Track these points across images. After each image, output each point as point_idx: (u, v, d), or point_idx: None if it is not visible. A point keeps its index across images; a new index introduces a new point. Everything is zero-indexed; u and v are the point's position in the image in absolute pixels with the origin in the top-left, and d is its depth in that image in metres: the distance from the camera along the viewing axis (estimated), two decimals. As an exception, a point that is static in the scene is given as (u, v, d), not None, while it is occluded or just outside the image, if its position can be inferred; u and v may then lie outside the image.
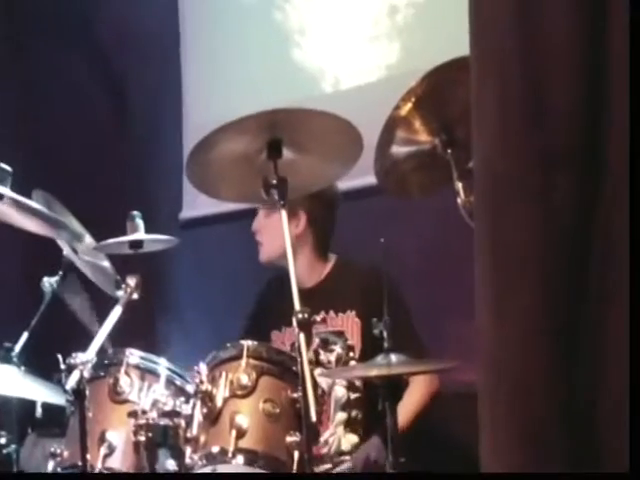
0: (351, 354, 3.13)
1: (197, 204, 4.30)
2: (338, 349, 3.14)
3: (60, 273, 3.32)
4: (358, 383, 3.11)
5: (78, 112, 4.70)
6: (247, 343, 2.56)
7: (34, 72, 4.79)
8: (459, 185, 2.47)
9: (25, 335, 3.23)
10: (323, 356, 3.13)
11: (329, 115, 2.56)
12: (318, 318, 3.14)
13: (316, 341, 3.15)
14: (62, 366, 2.49)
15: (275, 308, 3.19)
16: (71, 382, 2.46)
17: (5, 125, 4.56)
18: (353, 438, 3.09)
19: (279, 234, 2.51)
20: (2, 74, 4.71)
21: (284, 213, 2.46)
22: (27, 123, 4.70)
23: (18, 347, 3.19)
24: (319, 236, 3.28)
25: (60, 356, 2.51)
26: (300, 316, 2.25)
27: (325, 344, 3.16)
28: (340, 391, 3.10)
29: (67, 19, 4.84)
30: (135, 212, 3.01)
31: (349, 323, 3.17)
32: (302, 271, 3.13)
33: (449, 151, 2.53)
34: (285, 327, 3.21)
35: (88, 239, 3.25)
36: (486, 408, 1.33)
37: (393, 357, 2.39)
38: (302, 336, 2.23)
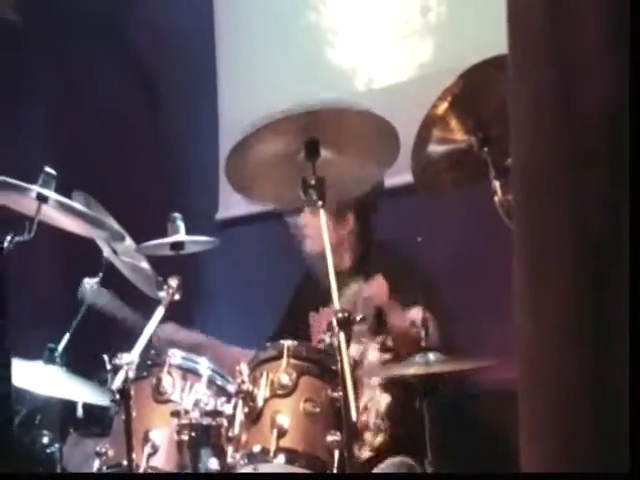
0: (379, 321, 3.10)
1: (233, 204, 4.32)
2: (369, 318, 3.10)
3: (100, 274, 3.34)
4: (389, 342, 3.09)
5: (114, 115, 4.73)
6: (287, 343, 2.58)
7: (71, 76, 4.82)
8: (496, 184, 2.47)
9: (67, 336, 3.27)
10: (355, 327, 3.11)
11: (366, 112, 2.56)
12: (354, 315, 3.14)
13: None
14: (107, 366, 2.52)
15: (312, 290, 3.22)
16: (117, 382, 2.49)
17: (45, 129, 4.61)
18: (387, 398, 3.06)
19: (318, 229, 2.51)
20: (40, 78, 4.75)
21: (323, 213, 2.47)
22: (66, 127, 4.74)
23: (60, 347, 3.23)
24: (364, 235, 3.30)
25: (105, 356, 2.54)
26: (340, 315, 2.26)
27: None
28: (373, 355, 3.08)
29: (102, 22, 4.87)
30: (176, 214, 3.04)
31: (378, 286, 3.06)
32: (346, 265, 3.15)
33: (485, 149, 2.53)
34: (322, 307, 3.22)
35: (128, 240, 3.27)
36: (525, 405, 1.34)
37: (431, 356, 2.40)
38: (342, 335, 2.24)
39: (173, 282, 2.94)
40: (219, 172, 4.33)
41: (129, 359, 2.55)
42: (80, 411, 3.15)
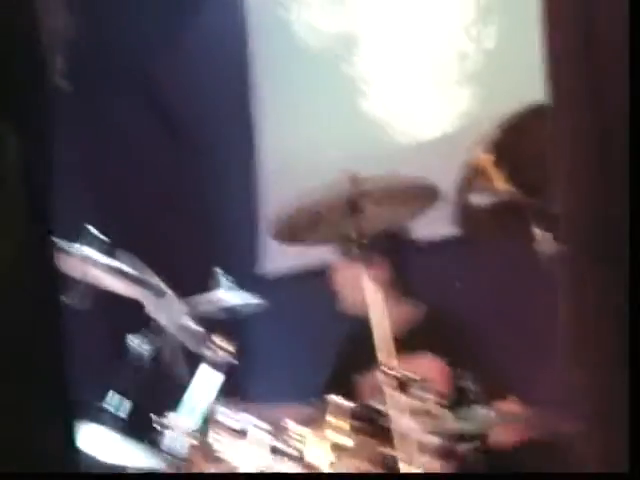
0: (435, 396, 3.09)
1: (274, 258, 4.34)
2: (422, 394, 3.10)
3: (145, 331, 3.36)
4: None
5: (155, 172, 4.78)
6: (334, 399, 2.57)
7: (114, 135, 4.88)
8: (537, 231, 2.46)
9: (113, 394, 3.27)
10: (405, 402, 3.11)
11: (406, 178, 2.59)
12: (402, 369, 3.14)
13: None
14: (157, 427, 2.52)
15: (357, 353, 3.19)
16: (167, 443, 2.49)
17: (88, 189, 4.66)
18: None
19: (359, 284, 2.52)
20: (77, 132, 4.81)
21: (364, 266, 2.48)
22: (108, 187, 4.79)
23: (107, 406, 3.23)
24: (401, 282, 3.28)
25: (154, 417, 2.55)
26: (389, 372, 2.25)
27: (405, 388, 3.13)
28: (424, 437, 3.06)
29: (139, 72, 4.93)
30: (218, 269, 3.06)
31: (432, 366, 3.13)
32: (384, 318, 3.12)
33: (526, 197, 2.53)
34: (366, 371, 3.21)
35: (172, 298, 3.29)
36: (575, 453, 1.33)
37: (480, 409, 2.38)
38: (392, 391, 2.23)
39: (218, 339, 2.95)
40: (258, 227, 4.37)
41: (177, 418, 2.55)
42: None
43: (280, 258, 3.89)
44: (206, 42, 4.89)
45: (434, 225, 2.85)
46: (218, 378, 2.88)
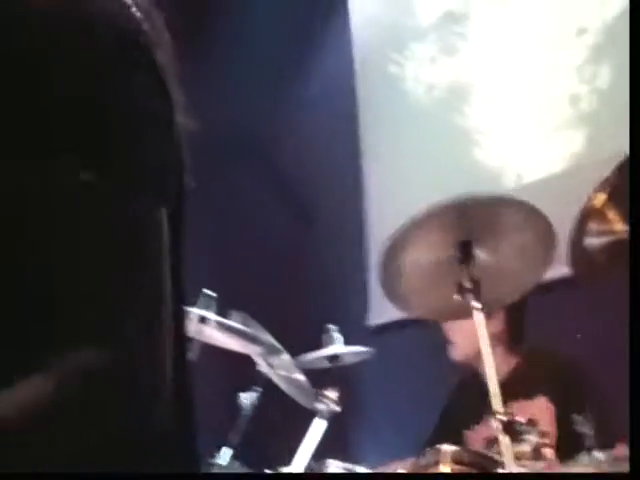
0: (545, 440, 2.98)
1: (384, 310, 4.30)
2: (532, 438, 2.99)
3: (258, 389, 3.35)
4: None
5: (266, 233, 4.84)
6: (446, 448, 2.49)
7: (227, 199, 4.96)
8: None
9: (226, 451, 3.26)
10: (516, 448, 2.99)
11: (519, 203, 2.52)
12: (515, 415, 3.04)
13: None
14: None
15: (465, 407, 3.13)
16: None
17: (203, 252, 4.73)
18: None
19: (472, 334, 2.45)
20: (197, 205, 4.90)
21: (481, 317, 2.41)
22: (221, 248, 4.86)
23: (222, 462, 3.22)
24: (514, 331, 3.19)
25: (268, 471, 2.52)
26: (503, 418, 2.18)
27: (516, 435, 3.02)
28: None
29: (253, 149, 5.03)
30: (331, 325, 3.05)
31: (541, 408, 3.02)
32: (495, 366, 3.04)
33: (645, 239, 2.43)
34: (475, 425, 3.11)
35: (284, 354, 3.28)
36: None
37: (598, 454, 2.27)
38: (506, 439, 2.16)
39: (331, 394, 2.93)
40: (367, 278, 4.34)
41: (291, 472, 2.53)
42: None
43: (389, 308, 3.84)
44: (318, 106, 4.96)
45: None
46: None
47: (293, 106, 5.07)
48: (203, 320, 2.96)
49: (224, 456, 3.21)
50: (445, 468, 2.41)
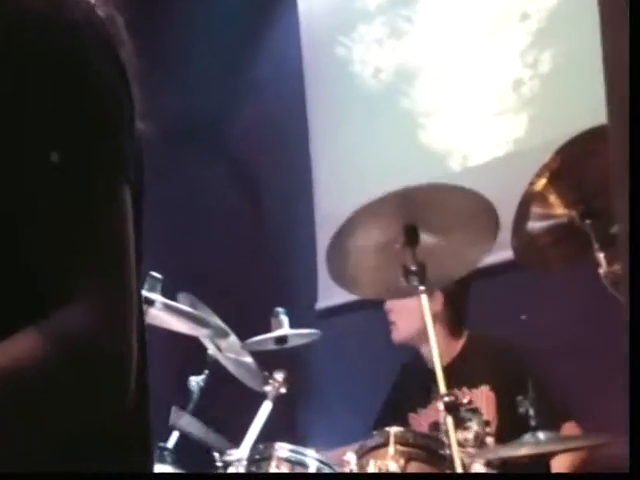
0: (487, 429, 3.04)
1: (333, 293, 4.32)
2: (475, 426, 3.05)
3: (206, 372, 3.36)
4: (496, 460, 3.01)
5: (215, 215, 4.83)
6: (393, 430, 2.53)
7: (173, 180, 4.95)
8: (601, 255, 2.41)
9: (176, 434, 3.27)
10: (460, 435, 3.04)
11: (463, 190, 2.56)
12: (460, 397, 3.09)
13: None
14: (218, 463, 2.51)
15: (410, 391, 3.19)
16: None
17: (149, 233, 4.72)
18: None
19: (414, 315, 2.49)
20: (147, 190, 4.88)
21: (425, 298, 2.45)
22: (169, 230, 4.85)
23: (170, 446, 3.23)
24: (454, 314, 3.23)
25: (216, 453, 2.54)
26: (447, 399, 2.23)
27: (460, 422, 3.07)
28: (479, 469, 3.00)
29: (201, 131, 5.01)
30: (279, 308, 3.07)
31: (483, 398, 3.08)
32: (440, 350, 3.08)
33: (588, 222, 2.49)
34: (421, 409, 3.16)
35: (232, 337, 3.30)
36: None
37: (541, 435, 2.32)
38: (450, 419, 2.21)
39: (279, 376, 2.96)
40: (317, 262, 4.36)
41: (238, 455, 2.55)
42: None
43: (340, 293, 3.87)
44: (265, 88, 4.96)
45: (491, 251, 2.79)
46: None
47: (242, 87, 5.07)
48: (149, 302, 2.95)
49: (174, 440, 3.23)
50: (392, 447, 2.46)
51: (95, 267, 0.98)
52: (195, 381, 3.34)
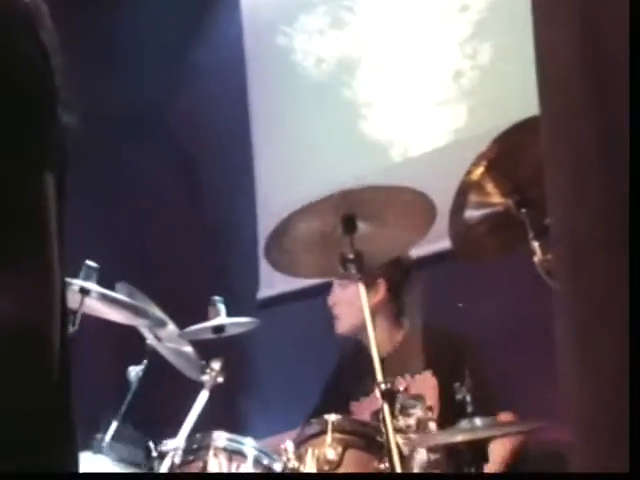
0: (429, 414, 3.07)
1: (273, 283, 4.33)
2: (418, 412, 3.07)
3: (144, 361, 3.34)
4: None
5: (154, 204, 4.81)
6: (331, 418, 2.55)
7: (112, 166, 4.91)
8: (535, 244, 2.44)
9: (114, 424, 3.25)
10: (402, 422, 3.06)
11: (397, 188, 2.57)
12: (397, 385, 3.10)
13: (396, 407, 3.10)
14: (154, 453, 2.50)
15: (351, 379, 3.20)
16: (163, 468, 2.47)
17: (88, 225, 4.68)
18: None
19: (356, 306, 2.50)
20: (81, 177, 4.83)
21: (362, 287, 2.46)
22: (106, 218, 4.81)
23: (108, 437, 3.21)
24: (396, 303, 3.26)
25: (151, 443, 2.53)
26: (383, 387, 2.24)
27: (404, 409, 3.09)
28: (422, 454, 3.02)
29: (146, 115, 4.97)
30: (216, 297, 3.06)
31: (426, 383, 3.11)
32: (380, 339, 3.06)
33: (523, 211, 2.51)
34: (363, 397, 3.18)
35: (170, 326, 3.28)
36: (577, 465, 1.30)
37: (477, 421, 2.35)
38: (386, 407, 2.22)
39: (216, 365, 2.95)
40: (259, 252, 4.36)
41: (175, 445, 2.54)
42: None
43: (281, 282, 3.88)
44: (207, 76, 4.94)
45: (430, 240, 2.82)
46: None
47: (184, 74, 5.04)
48: (85, 291, 2.93)
49: (111, 430, 3.20)
50: (329, 435, 2.47)
51: (14, 253, 0.97)
52: (134, 371, 3.32)
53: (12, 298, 0.96)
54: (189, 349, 3.34)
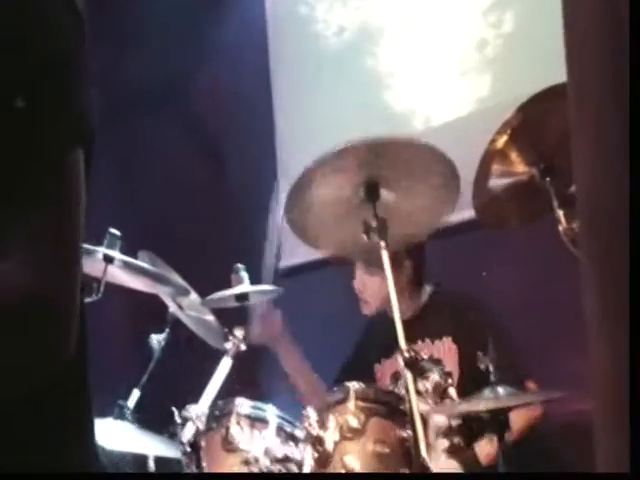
0: (449, 381, 3.06)
1: (296, 252, 4.33)
2: (435, 377, 3.06)
3: (167, 330, 3.36)
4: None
5: (177, 173, 4.81)
6: (354, 385, 2.54)
7: (137, 139, 4.91)
8: (560, 213, 2.44)
9: (136, 392, 3.27)
10: (420, 385, 3.05)
11: (425, 146, 2.55)
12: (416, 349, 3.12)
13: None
14: (177, 419, 2.52)
15: (374, 342, 3.22)
16: (187, 434, 2.49)
17: (110, 190, 4.69)
18: (454, 464, 3.01)
19: (382, 286, 2.49)
20: (104, 148, 4.84)
21: (386, 254, 2.45)
22: (130, 187, 4.83)
23: (130, 404, 3.23)
24: (416, 268, 3.25)
25: (175, 409, 2.54)
26: (406, 355, 2.24)
27: (422, 372, 3.09)
28: (440, 418, 3.03)
29: (161, 90, 4.97)
30: (239, 265, 3.05)
31: (445, 349, 3.11)
32: (400, 304, 3.08)
33: (548, 180, 2.51)
34: (384, 359, 3.19)
35: (192, 295, 3.29)
36: (601, 438, 1.29)
37: (500, 390, 2.35)
38: (410, 375, 2.22)
39: (239, 332, 2.95)
40: (280, 219, 4.36)
41: (198, 411, 2.56)
42: (152, 465, 3.13)
43: (303, 252, 3.87)
44: (229, 48, 4.92)
45: (456, 209, 2.79)
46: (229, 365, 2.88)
47: (206, 45, 5.03)
48: (109, 259, 2.94)
49: (134, 396, 3.22)
50: (352, 403, 2.47)
51: (34, 226, 0.97)
52: (156, 339, 3.34)
53: (26, 270, 0.95)
54: (211, 317, 3.35)
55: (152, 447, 3.09)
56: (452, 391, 2.97)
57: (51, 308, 0.96)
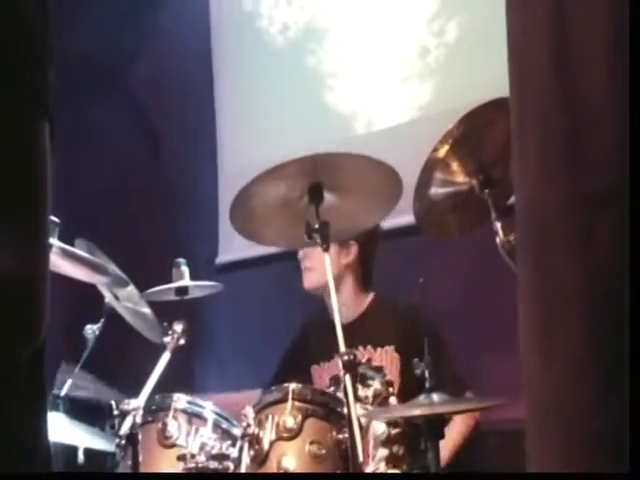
0: (390, 389, 3.11)
1: (233, 248, 4.34)
2: (376, 384, 3.12)
3: (102, 320, 3.35)
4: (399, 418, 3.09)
5: (117, 164, 4.78)
6: (292, 386, 2.56)
7: (74, 125, 4.87)
8: (498, 225, 2.48)
9: (69, 382, 3.26)
10: (361, 391, 3.09)
11: (368, 158, 2.59)
12: (359, 356, 3.14)
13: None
14: (115, 412, 2.52)
15: (314, 343, 3.24)
16: (124, 428, 2.49)
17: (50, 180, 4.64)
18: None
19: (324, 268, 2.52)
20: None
21: (327, 257, 2.49)
22: (68, 175, 4.78)
23: (62, 394, 3.22)
24: (365, 269, 3.29)
25: (113, 402, 2.54)
26: (346, 357, 2.27)
27: (363, 379, 3.14)
28: (380, 427, 3.07)
29: (103, 75, 4.93)
30: (180, 259, 3.06)
31: (387, 358, 3.16)
32: (344, 304, 3.10)
33: (486, 191, 2.55)
34: (323, 362, 3.22)
35: (130, 286, 3.28)
36: (534, 445, 1.33)
37: (435, 396, 2.39)
38: (348, 377, 2.25)
39: (178, 327, 2.96)
40: (219, 217, 4.37)
41: (136, 404, 2.56)
42: (81, 457, 3.12)
43: (240, 248, 3.89)
44: (172, 37, 4.90)
45: (395, 214, 2.84)
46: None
47: (147, 34, 5.01)
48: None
49: (70, 388, 3.21)
50: (290, 403, 2.50)
51: (7, 206, 0.98)
52: (91, 329, 3.33)
53: (9, 248, 0.97)
54: (147, 310, 3.34)
55: (83, 438, 3.09)
56: (393, 400, 3.03)
57: (27, 287, 0.98)
